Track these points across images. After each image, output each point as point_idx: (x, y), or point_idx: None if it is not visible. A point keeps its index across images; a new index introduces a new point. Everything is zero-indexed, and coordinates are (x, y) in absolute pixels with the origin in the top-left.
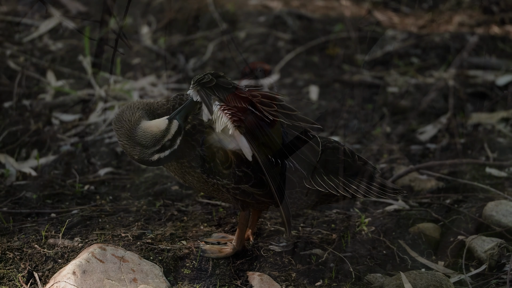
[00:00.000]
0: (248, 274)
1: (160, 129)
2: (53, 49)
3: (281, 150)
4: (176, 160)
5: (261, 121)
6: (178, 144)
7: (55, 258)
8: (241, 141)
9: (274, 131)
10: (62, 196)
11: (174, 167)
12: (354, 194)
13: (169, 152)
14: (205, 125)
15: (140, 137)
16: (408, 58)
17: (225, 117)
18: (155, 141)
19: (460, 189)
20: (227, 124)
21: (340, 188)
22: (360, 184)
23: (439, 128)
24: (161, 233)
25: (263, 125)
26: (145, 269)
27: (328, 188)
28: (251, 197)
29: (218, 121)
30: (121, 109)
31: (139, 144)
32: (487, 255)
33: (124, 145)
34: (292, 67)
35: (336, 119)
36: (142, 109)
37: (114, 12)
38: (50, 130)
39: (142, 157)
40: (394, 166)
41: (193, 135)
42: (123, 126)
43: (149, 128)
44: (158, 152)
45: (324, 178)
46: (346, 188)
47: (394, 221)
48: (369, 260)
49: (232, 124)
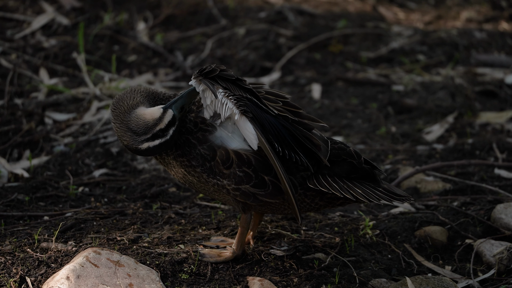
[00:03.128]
0: (248, 279)
1: (154, 117)
2: (46, 46)
3: (288, 142)
4: (176, 158)
5: (266, 114)
6: (170, 135)
7: (48, 262)
8: (246, 128)
9: (279, 124)
10: (56, 198)
11: (173, 166)
12: (358, 198)
13: (159, 142)
14: (207, 123)
15: (132, 122)
16: (414, 55)
17: (230, 102)
18: (147, 129)
19: (468, 191)
20: (232, 110)
21: (344, 191)
22: (365, 188)
23: (446, 127)
24: (158, 237)
25: (269, 118)
26: (142, 274)
27: (332, 190)
28: (252, 198)
29: (223, 108)
30: (125, 90)
31: (131, 130)
32: (496, 259)
33: (116, 127)
34: (293, 64)
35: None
36: (145, 95)
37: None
38: (43, 130)
39: (131, 144)
40: (400, 167)
41: (194, 133)
42: (119, 108)
43: (143, 115)
44: (148, 141)
45: (328, 180)
46: (351, 191)
47: (399, 224)
48: (374, 264)
49: (238, 109)
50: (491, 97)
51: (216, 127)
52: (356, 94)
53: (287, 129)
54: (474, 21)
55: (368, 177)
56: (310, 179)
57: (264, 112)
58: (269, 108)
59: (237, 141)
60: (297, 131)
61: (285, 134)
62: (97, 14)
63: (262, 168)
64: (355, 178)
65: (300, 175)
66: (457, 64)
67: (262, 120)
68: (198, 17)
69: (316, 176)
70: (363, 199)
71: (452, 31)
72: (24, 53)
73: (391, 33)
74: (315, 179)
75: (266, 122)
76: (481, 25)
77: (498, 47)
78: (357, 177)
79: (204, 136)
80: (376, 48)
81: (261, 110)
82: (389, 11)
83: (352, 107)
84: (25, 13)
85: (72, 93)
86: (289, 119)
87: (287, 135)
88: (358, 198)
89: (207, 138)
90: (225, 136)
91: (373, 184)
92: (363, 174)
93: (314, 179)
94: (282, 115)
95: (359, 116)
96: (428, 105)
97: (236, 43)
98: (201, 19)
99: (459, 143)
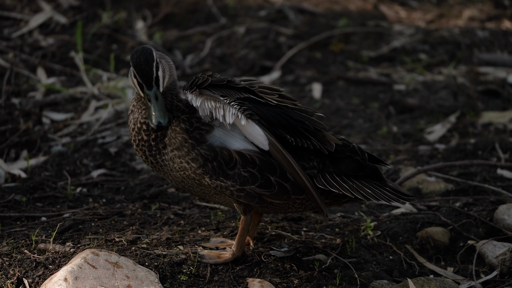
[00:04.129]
0: (248, 280)
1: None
2: (44, 45)
3: (297, 129)
4: (173, 159)
5: (267, 106)
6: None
7: (46, 264)
8: (254, 130)
9: (281, 113)
10: (53, 199)
11: (170, 168)
12: (369, 198)
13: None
14: (203, 122)
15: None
16: (416, 54)
17: (233, 109)
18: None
19: (470, 191)
20: (237, 115)
21: (355, 191)
22: (374, 188)
23: (448, 127)
24: (157, 238)
25: (270, 110)
26: (140, 276)
27: (342, 190)
28: (256, 199)
29: (227, 114)
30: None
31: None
32: (499, 260)
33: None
34: (294, 63)
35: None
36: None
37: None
38: (40, 130)
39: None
40: (401, 168)
41: (190, 132)
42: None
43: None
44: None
45: (336, 179)
46: (361, 191)
47: (401, 225)
48: (375, 266)
49: (243, 114)
50: (494, 97)
51: (213, 126)
52: (357, 94)
53: (290, 117)
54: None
55: (374, 176)
56: (318, 179)
57: (264, 106)
58: (267, 100)
59: (238, 140)
60: (299, 117)
61: (290, 122)
62: (95, 12)
63: (267, 168)
64: (361, 176)
65: (307, 173)
66: (459, 63)
67: (267, 116)
68: (197, 15)
69: (323, 175)
70: (373, 199)
71: (454, 30)
72: (22, 52)
73: (392, 32)
74: (323, 178)
75: (270, 116)
76: (484, 24)
77: (500, 46)
78: (363, 175)
79: (202, 135)
80: (378, 47)
81: (261, 105)
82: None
83: (353, 107)
84: (22, 12)
85: (70, 92)
86: (289, 107)
87: (293, 122)
88: (368, 198)
89: (205, 138)
90: (224, 135)
91: (379, 183)
92: (369, 173)
93: (322, 178)
94: (281, 104)
95: (360, 115)
96: (430, 104)
97: (235, 42)
98: (200, 18)
99: (461, 143)
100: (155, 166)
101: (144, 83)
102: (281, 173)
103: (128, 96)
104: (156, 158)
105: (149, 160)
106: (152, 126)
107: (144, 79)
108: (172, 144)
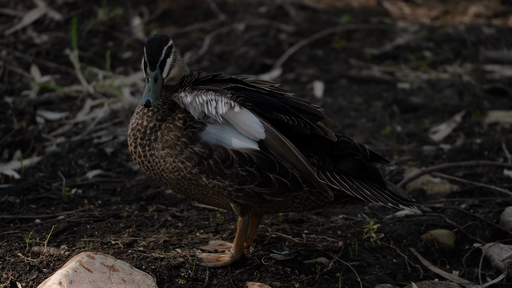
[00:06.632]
0: (247, 284)
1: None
2: (38, 42)
3: (292, 111)
4: (164, 158)
5: (259, 94)
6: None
7: (40, 267)
8: (249, 118)
9: (276, 100)
10: (48, 200)
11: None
12: (367, 199)
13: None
14: (196, 121)
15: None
16: (420, 52)
17: (225, 98)
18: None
19: (476, 193)
20: (230, 104)
21: (354, 190)
22: (373, 190)
23: (454, 127)
24: (154, 240)
25: (263, 97)
26: (137, 279)
27: (342, 188)
28: (256, 199)
29: (220, 105)
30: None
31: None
32: (505, 264)
33: None
34: (295, 61)
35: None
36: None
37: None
38: (34, 130)
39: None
40: (405, 168)
41: (183, 130)
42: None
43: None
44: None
45: (336, 177)
46: (360, 192)
47: (405, 228)
48: (378, 269)
49: (235, 102)
50: (500, 95)
51: (206, 124)
52: (360, 92)
53: (285, 104)
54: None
55: (374, 177)
56: (318, 175)
57: (255, 93)
58: (258, 88)
59: (233, 135)
60: (295, 104)
61: (286, 108)
62: (90, 9)
63: (265, 166)
64: (362, 177)
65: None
66: (465, 61)
67: (261, 101)
68: (195, 12)
69: (323, 172)
70: (371, 200)
71: (459, 27)
72: (15, 49)
73: (396, 29)
74: (323, 175)
75: (264, 101)
76: (490, 21)
77: (507, 43)
78: (364, 176)
79: (195, 133)
80: (381, 44)
81: (252, 92)
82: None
83: (355, 106)
84: (15, 8)
85: (65, 91)
86: (283, 95)
87: (288, 108)
88: (367, 199)
89: (198, 136)
90: (219, 132)
91: (379, 186)
92: (370, 174)
93: (322, 175)
94: (274, 91)
95: (363, 115)
96: (434, 103)
97: (235, 39)
98: (199, 14)
99: (467, 143)
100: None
101: (149, 63)
102: (280, 169)
103: (125, 94)
104: (145, 149)
105: (137, 151)
106: (141, 102)
107: (150, 58)
108: (164, 141)
